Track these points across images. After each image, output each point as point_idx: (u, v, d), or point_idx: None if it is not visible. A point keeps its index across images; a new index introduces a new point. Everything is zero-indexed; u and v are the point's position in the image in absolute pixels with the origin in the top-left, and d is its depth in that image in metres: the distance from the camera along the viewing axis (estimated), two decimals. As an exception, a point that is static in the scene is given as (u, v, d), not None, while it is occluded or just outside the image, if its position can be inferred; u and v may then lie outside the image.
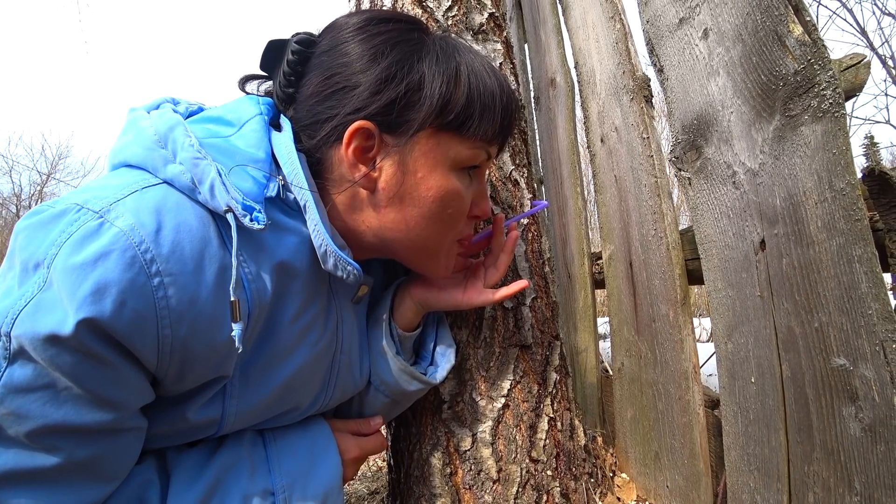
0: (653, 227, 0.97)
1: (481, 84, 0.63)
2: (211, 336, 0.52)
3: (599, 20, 1.20)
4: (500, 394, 0.84)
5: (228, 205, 0.52)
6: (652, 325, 0.98)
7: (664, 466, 0.94)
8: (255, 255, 0.57)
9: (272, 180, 0.59)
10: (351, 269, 0.62)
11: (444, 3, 0.97)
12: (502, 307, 0.87)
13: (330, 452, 0.68)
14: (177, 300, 0.49)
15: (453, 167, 0.64)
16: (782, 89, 0.64)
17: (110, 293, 0.45)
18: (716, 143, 0.77)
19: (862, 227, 0.56)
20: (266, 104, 0.66)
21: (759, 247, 0.70)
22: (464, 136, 0.63)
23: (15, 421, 0.45)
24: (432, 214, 0.63)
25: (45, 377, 0.45)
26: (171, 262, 0.49)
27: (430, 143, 0.62)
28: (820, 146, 0.60)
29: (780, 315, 0.67)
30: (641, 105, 1.01)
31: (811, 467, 0.64)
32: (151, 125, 0.57)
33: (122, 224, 0.47)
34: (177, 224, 0.50)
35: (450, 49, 0.64)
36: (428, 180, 0.62)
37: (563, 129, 1.49)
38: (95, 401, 0.47)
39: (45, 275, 0.45)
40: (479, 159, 0.66)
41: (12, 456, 0.45)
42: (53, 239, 0.46)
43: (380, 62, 0.60)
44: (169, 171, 0.54)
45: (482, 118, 0.63)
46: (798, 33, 0.62)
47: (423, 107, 0.60)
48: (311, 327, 0.65)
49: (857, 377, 0.58)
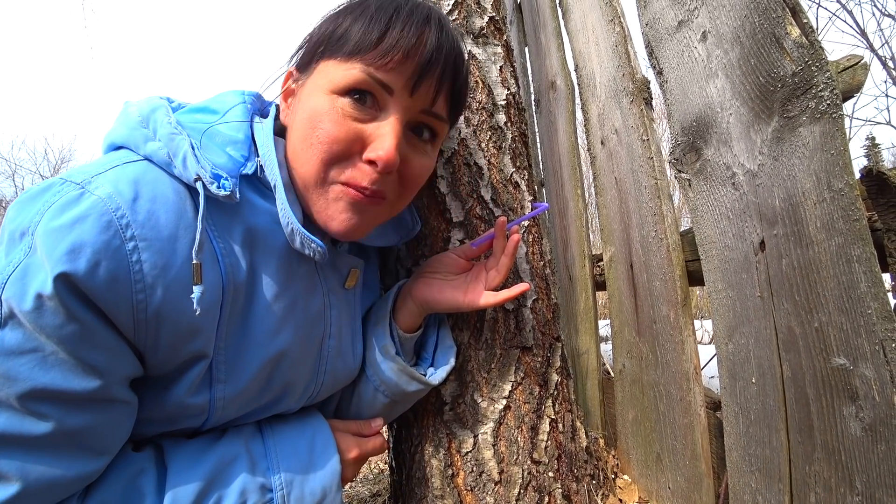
0: (653, 228, 0.97)
1: (376, 13, 0.61)
2: (185, 305, 0.54)
3: (599, 23, 1.20)
4: (501, 395, 0.84)
5: (198, 174, 0.55)
6: (653, 327, 0.98)
7: (666, 468, 0.94)
8: (228, 230, 0.59)
9: (250, 159, 0.63)
10: (315, 246, 0.63)
11: (444, 7, 0.98)
12: (503, 309, 0.87)
13: (329, 451, 0.69)
14: (150, 265, 0.51)
15: (332, 90, 0.61)
16: (780, 91, 0.65)
17: (85, 253, 0.47)
18: (715, 144, 0.77)
19: (860, 227, 0.56)
20: (251, 95, 0.71)
21: (758, 247, 0.70)
22: (338, 56, 0.61)
23: (5, 384, 0.47)
24: (305, 136, 0.62)
25: (33, 340, 0.47)
26: (146, 229, 0.51)
27: (317, 70, 0.64)
28: (818, 147, 0.60)
29: (781, 315, 0.67)
30: (641, 107, 1.02)
31: (812, 467, 0.64)
32: (136, 109, 0.61)
33: (100, 192, 0.50)
34: (153, 195, 0.53)
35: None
36: (306, 102, 0.63)
37: (563, 132, 1.50)
38: (81, 366, 0.49)
39: (30, 241, 0.48)
40: (359, 81, 0.60)
41: (3, 420, 0.47)
42: (38, 208, 0.49)
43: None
44: (149, 147, 0.57)
45: (361, 36, 0.60)
46: (795, 35, 0.63)
47: (313, 40, 0.65)
48: (292, 308, 0.66)
49: (858, 377, 0.58)
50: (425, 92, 0.63)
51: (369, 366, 0.78)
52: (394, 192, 0.65)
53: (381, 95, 0.61)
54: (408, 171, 0.65)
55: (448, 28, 0.65)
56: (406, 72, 0.61)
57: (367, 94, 0.61)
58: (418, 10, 0.62)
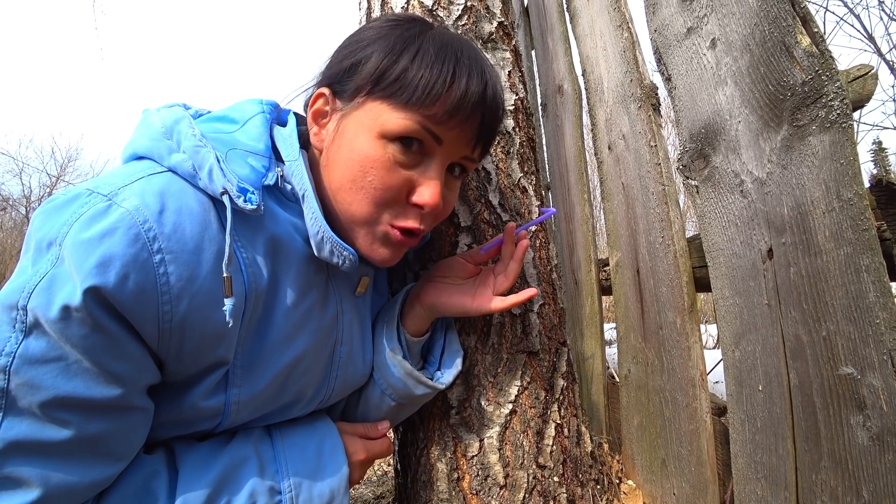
0: (660, 234, 0.97)
1: (436, 61, 0.62)
2: (208, 314, 0.55)
3: (607, 28, 1.21)
4: (507, 400, 0.84)
5: (224, 187, 0.55)
6: (659, 333, 0.98)
7: (671, 474, 0.94)
8: (251, 240, 0.60)
9: (271, 170, 0.63)
10: (347, 254, 0.64)
11: (454, 13, 0.99)
12: (510, 314, 0.88)
13: (337, 454, 0.69)
14: (176, 277, 0.52)
15: (382, 135, 0.62)
16: (790, 99, 0.65)
17: (114, 266, 0.48)
18: (723, 151, 0.77)
19: (870, 236, 0.56)
20: (269, 104, 0.71)
21: (766, 255, 0.70)
22: (396, 105, 0.62)
23: (28, 391, 0.47)
24: (354, 178, 0.63)
25: (57, 349, 0.48)
26: (173, 241, 0.52)
27: (365, 108, 0.64)
28: (828, 156, 0.60)
29: (788, 323, 0.67)
30: (649, 113, 1.02)
31: (819, 476, 0.64)
32: (159, 119, 0.61)
33: (128, 205, 0.50)
34: (179, 206, 0.54)
35: (434, 35, 0.65)
36: (353, 142, 0.64)
37: (570, 136, 1.50)
38: (103, 375, 0.50)
39: (58, 252, 0.49)
40: (413, 132, 0.62)
41: (25, 426, 0.47)
42: (65, 219, 0.50)
43: (352, 41, 0.67)
44: (173, 159, 0.57)
45: (423, 92, 0.61)
46: (806, 44, 0.63)
47: (364, 73, 0.64)
48: (309, 315, 0.67)
49: (865, 386, 0.58)
50: (472, 144, 0.67)
51: (377, 369, 0.78)
52: (428, 225, 0.69)
53: (429, 144, 0.64)
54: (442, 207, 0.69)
55: (497, 78, 0.68)
56: (462, 129, 0.64)
57: (416, 141, 0.63)
58: (476, 65, 0.65)
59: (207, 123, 0.64)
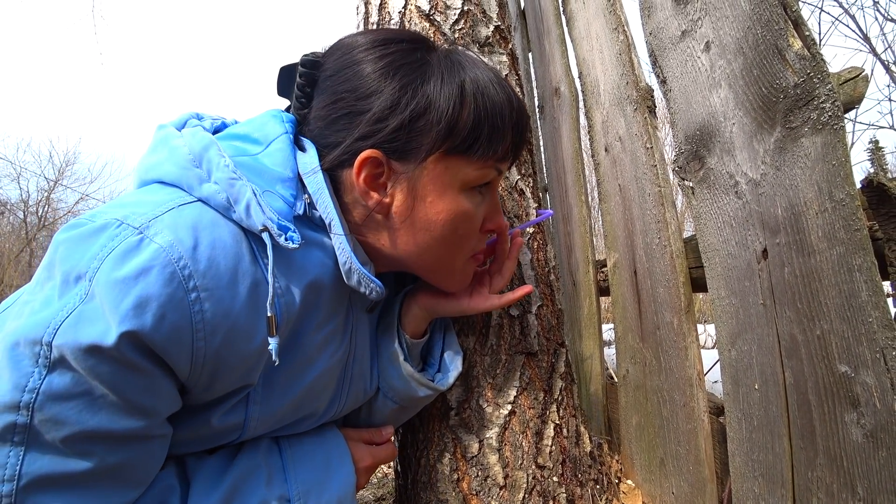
0: (657, 235, 0.98)
1: (489, 102, 0.63)
2: (242, 347, 0.54)
3: (603, 31, 1.21)
4: (506, 400, 0.85)
5: (265, 224, 0.54)
6: (656, 333, 0.99)
7: (669, 473, 0.95)
8: (285, 271, 0.59)
9: (299, 199, 0.62)
10: (374, 286, 0.65)
11: (450, 17, 0.99)
12: (508, 315, 0.89)
13: (344, 461, 0.70)
14: (212, 314, 0.51)
15: (463, 188, 0.65)
16: (783, 102, 0.66)
17: (151, 307, 0.47)
18: (718, 153, 0.78)
19: (862, 236, 0.57)
20: (290, 121, 0.68)
21: (761, 255, 0.71)
22: (472, 157, 0.63)
23: (52, 427, 0.47)
24: (444, 237, 0.65)
25: (82, 385, 0.47)
26: (208, 278, 0.51)
27: (440, 167, 0.63)
28: (820, 157, 0.61)
29: (783, 323, 0.68)
30: (645, 115, 1.03)
31: (815, 473, 0.65)
32: (185, 144, 0.59)
33: (161, 241, 0.49)
34: (212, 241, 0.53)
35: (454, 66, 0.64)
36: (437, 204, 0.64)
37: (567, 138, 1.51)
38: (129, 408, 0.49)
39: (87, 287, 0.47)
40: (490, 177, 0.67)
41: (47, 461, 0.47)
42: (95, 253, 0.48)
43: (384, 88, 0.61)
44: (204, 189, 0.56)
45: (491, 139, 0.63)
46: (798, 47, 0.64)
47: (430, 132, 0.61)
48: (331, 338, 0.67)
49: (859, 384, 0.59)
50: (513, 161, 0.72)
51: (379, 372, 0.79)
52: None
53: (495, 178, 0.69)
54: None
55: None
56: (514, 156, 0.70)
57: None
58: (520, 104, 0.68)
59: (229, 142, 0.63)
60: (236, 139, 0.64)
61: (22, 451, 0.46)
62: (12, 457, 0.46)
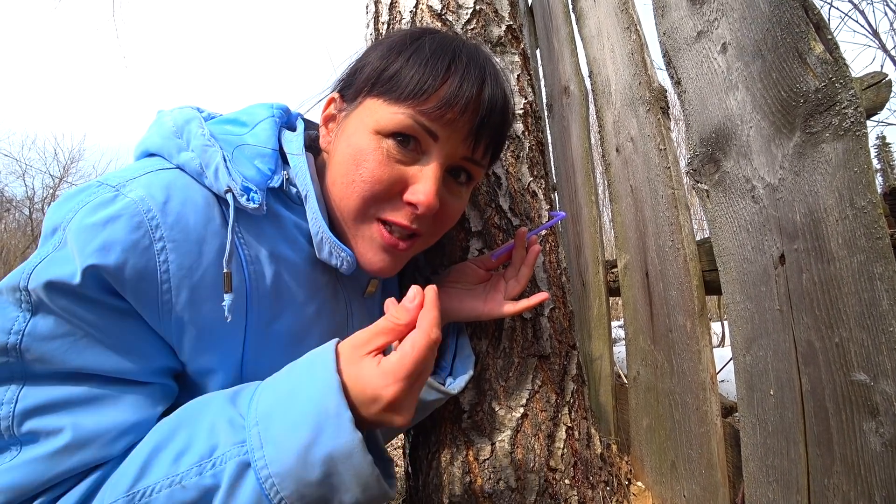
0: (669, 238, 0.98)
1: (432, 58, 0.62)
2: (209, 308, 0.56)
3: (615, 30, 1.20)
4: (518, 403, 0.85)
5: (228, 185, 0.57)
6: (669, 336, 0.98)
7: (681, 476, 0.95)
8: (255, 239, 0.61)
9: (277, 172, 0.64)
10: (345, 255, 0.65)
11: (462, 16, 0.99)
12: (521, 318, 0.88)
13: (319, 366, 0.52)
14: (177, 266, 0.53)
15: (377, 131, 0.62)
16: (803, 106, 0.65)
17: (115, 250, 0.50)
18: (734, 157, 0.78)
19: (883, 245, 0.56)
20: (279, 108, 0.73)
21: (778, 261, 0.71)
22: (391, 101, 0.62)
23: (42, 365, 0.49)
24: (347, 171, 0.63)
25: (63, 325, 0.50)
26: (175, 231, 0.53)
27: (363, 106, 0.65)
28: (841, 164, 0.60)
29: (800, 329, 0.68)
30: (658, 116, 1.02)
31: (831, 480, 0.65)
32: (171, 119, 0.62)
33: (133, 195, 0.52)
34: (184, 199, 0.56)
35: (439, 37, 0.66)
36: (351, 138, 0.65)
37: (577, 138, 1.50)
38: (113, 349, 0.52)
39: (62, 236, 0.51)
40: (407, 128, 0.61)
41: (42, 390, 0.50)
42: (72, 206, 0.52)
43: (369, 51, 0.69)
44: (182, 157, 0.59)
45: (416, 87, 0.61)
46: (819, 51, 0.63)
47: (364, 74, 0.65)
48: (318, 318, 0.68)
49: (878, 392, 0.58)
50: (470, 143, 0.65)
51: None
52: (428, 230, 0.67)
53: (425, 140, 0.63)
54: (442, 213, 0.67)
55: (500, 79, 0.67)
56: (456, 126, 0.62)
57: (412, 138, 0.62)
58: (474, 63, 0.64)
59: (218, 125, 0.66)
60: (226, 123, 0.68)
61: (18, 387, 0.49)
62: (9, 393, 0.49)
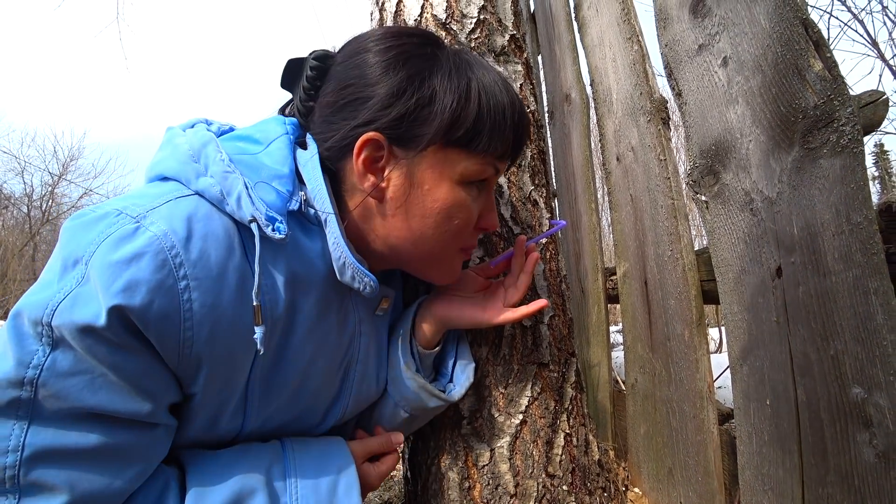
0: (668, 247, 0.99)
1: (492, 101, 0.65)
2: (229, 340, 0.56)
3: (616, 40, 1.22)
4: (517, 410, 0.86)
5: (253, 215, 0.56)
6: (667, 344, 1.00)
7: (678, 483, 0.96)
8: (272, 265, 0.60)
9: (295, 195, 0.63)
10: (367, 280, 0.65)
11: (467, 26, 1.00)
12: (521, 325, 0.89)
13: (352, 494, 0.66)
14: (200, 304, 0.53)
15: (460, 181, 0.65)
16: (801, 122, 0.66)
17: (140, 291, 0.49)
18: (734, 169, 0.79)
19: (878, 260, 0.58)
20: (291, 124, 0.71)
21: (775, 273, 0.72)
22: (472, 152, 0.65)
23: (55, 402, 0.49)
24: (437, 225, 0.66)
25: (83, 363, 0.49)
26: (198, 268, 0.53)
27: (439, 156, 0.64)
28: (838, 180, 0.61)
29: (796, 341, 0.69)
30: (659, 127, 1.03)
31: (825, 490, 0.66)
32: (186, 141, 0.61)
33: (155, 229, 0.51)
34: (205, 233, 0.55)
35: (462, 64, 0.66)
36: (434, 192, 0.65)
37: (577, 145, 1.51)
38: (129, 390, 0.51)
39: (84, 271, 0.50)
40: (487, 174, 0.67)
41: (51, 434, 0.49)
42: (92, 238, 0.51)
43: (392, 75, 0.63)
44: (200, 183, 0.58)
45: (491, 135, 0.65)
46: (818, 69, 0.64)
47: (433, 122, 0.63)
48: (326, 337, 0.67)
49: (872, 405, 0.60)
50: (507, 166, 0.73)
51: (390, 382, 0.79)
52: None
53: (492, 176, 0.69)
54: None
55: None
56: (512, 157, 0.71)
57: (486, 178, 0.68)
58: (522, 108, 0.69)
59: (231, 142, 0.65)
60: (239, 140, 0.66)
61: (26, 424, 0.48)
62: (16, 429, 0.47)
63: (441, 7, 1.00)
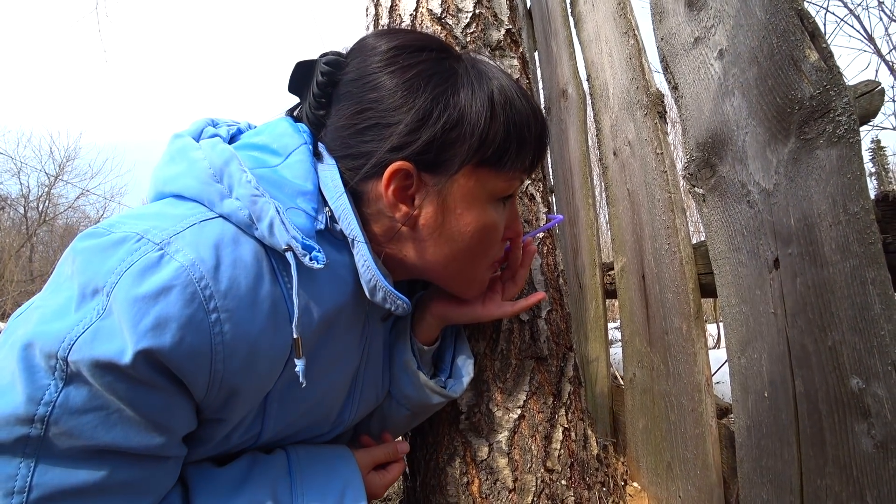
0: (666, 241, 0.99)
1: (517, 115, 0.63)
2: (259, 369, 0.54)
3: (613, 35, 1.21)
4: (516, 405, 0.85)
5: (289, 244, 0.53)
6: (665, 338, 0.99)
7: (676, 476, 0.96)
8: (304, 289, 0.57)
9: (320, 212, 0.61)
10: (400, 303, 0.64)
11: (462, 20, 0.99)
12: (519, 320, 0.89)
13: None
14: (231, 335, 0.50)
15: (490, 200, 0.65)
16: (798, 113, 0.66)
17: (170, 328, 0.46)
18: (730, 162, 0.79)
19: (875, 250, 0.58)
20: (307, 132, 0.67)
21: (773, 265, 0.72)
22: (501, 170, 0.64)
23: (67, 440, 0.46)
24: (471, 248, 0.66)
25: (98, 400, 0.46)
26: (229, 299, 0.50)
27: (470, 180, 0.63)
28: (835, 170, 0.61)
29: (794, 332, 0.69)
30: (655, 121, 1.03)
31: (824, 481, 0.66)
32: (205, 158, 0.57)
33: (182, 258, 0.48)
34: (234, 260, 0.52)
35: (482, 77, 0.64)
36: (466, 216, 0.64)
37: (574, 141, 1.51)
38: (145, 425, 0.49)
39: (105, 303, 0.46)
40: (514, 188, 0.68)
41: (58, 474, 0.46)
42: (113, 266, 0.47)
43: (415, 99, 0.60)
44: (226, 206, 0.54)
45: (519, 151, 0.64)
46: (814, 59, 0.64)
47: (462, 145, 0.61)
48: (346, 352, 0.67)
49: (870, 395, 0.60)
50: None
51: (392, 381, 0.79)
52: None
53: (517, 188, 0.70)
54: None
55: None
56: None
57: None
58: (541, 114, 0.69)
59: (247, 152, 0.61)
60: (254, 149, 0.62)
61: (33, 462, 0.45)
62: (23, 468, 0.45)
63: (436, 1, 1.00)
